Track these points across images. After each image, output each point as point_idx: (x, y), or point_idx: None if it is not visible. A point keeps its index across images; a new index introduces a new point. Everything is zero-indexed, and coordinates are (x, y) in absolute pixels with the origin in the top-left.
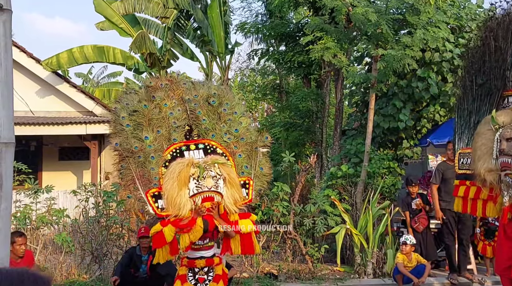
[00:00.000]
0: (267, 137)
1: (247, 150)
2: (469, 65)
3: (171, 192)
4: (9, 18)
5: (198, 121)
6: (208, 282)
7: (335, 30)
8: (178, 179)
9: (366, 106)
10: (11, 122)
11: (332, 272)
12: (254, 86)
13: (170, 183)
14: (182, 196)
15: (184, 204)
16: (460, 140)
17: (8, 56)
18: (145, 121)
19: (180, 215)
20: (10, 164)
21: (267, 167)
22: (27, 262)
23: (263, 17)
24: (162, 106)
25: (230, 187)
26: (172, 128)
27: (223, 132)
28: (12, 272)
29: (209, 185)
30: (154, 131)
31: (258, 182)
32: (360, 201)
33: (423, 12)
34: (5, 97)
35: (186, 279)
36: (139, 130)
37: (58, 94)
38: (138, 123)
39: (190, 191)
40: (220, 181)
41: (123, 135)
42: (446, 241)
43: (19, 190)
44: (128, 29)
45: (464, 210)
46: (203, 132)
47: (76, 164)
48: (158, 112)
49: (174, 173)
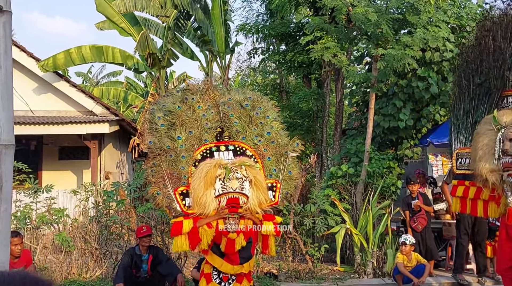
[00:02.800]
0: (298, 144)
1: (277, 153)
2: (465, 65)
3: (198, 191)
4: (9, 20)
5: (230, 124)
6: (232, 282)
7: (335, 30)
8: (205, 179)
9: (366, 106)
10: (11, 124)
11: (332, 271)
12: (255, 86)
13: (197, 183)
14: (208, 195)
15: (209, 203)
16: (457, 140)
17: (8, 57)
18: (178, 122)
19: (205, 213)
20: (10, 166)
21: (295, 171)
22: (25, 261)
23: (264, 16)
24: (196, 108)
25: (256, 189)
26: (204, 130)
27: (254, 135)
28: (14, 275)
29: (234, 186)
30: (187, 132)
31: (286, 185)
32: (360, 200)
33: (423, 11)
34: (5, 99)
35: (211, 277)
36: (172, 130)
37: (57, 93)
38: (172, 123)
39: (215, 191)
40: (245, 183)
41: (157, 134)
42: (462, 241)
43: (19, 190)
44: (128, 28)
45: (462, 210)
46: (234, 135)
47: (76, 163)
48: (192, 114)
49: (201, 172)
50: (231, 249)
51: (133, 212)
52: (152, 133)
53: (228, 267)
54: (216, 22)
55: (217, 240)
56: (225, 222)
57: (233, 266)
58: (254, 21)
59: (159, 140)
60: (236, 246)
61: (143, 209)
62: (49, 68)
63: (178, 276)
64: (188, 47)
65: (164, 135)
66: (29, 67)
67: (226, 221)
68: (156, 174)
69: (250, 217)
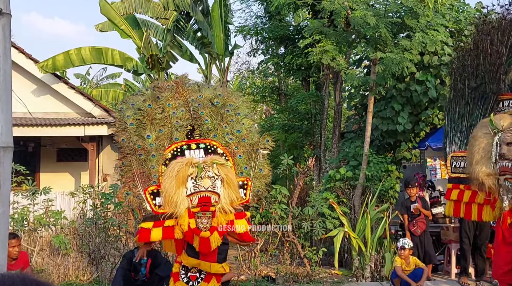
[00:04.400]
0: (268, 141)
1: (248, 151)
2: (462, 68)
3: (169, 190)
4: (8, 22)
5: (201, 122)
6: (200, 280)
7: (334, 33)
8: (177, 178)
9: (365, 109)
10: (9, 127)
11: (330, 275)
12: (253, 88)
13: (168, 182)
14: (179, 194)
15: (181, 202)
16: (451, 144)
17: (7, 60)
18: (148, 121)
19: (176, 212)
20: (8, 169)
21: (266, 169)
22: (22, 263)
23: (263, 19)
24: (166, 106)
25: (227, 187)
26: (175, 128)
27: (225, 132)
28: (14, 277)
29: (206, 185)
30: (156, 130)
31: (257, 183)
32: (358, 204)
33: (422, 15)
34: (4, 102)
35: (179, 276)
36: (141, 129)
37: (55, 95)
38: (142, 122)
39: (187, 190)
40: (217, 182)
41: (126, 133)
42: (462, 244)
43: (17, 191)
44: (128, 30)
45: (456, 213)
46: (205, 133)
47: (74, 165)
48: (162, 112)
49: (172, 171)
50: (206, 248)
51: (131, 214)
52: (121, 132)
53: (205, 265)
54: (216, 25)
55: (190, 240)
56: (197, 221)
57: (210, 263)
58: (253, 23)
59: (128, 139)
60: (211, 245)
61: None
62: (48, 69)
63: None
64: (188, 49)
65: (133, 134)
66: (28, 69)
67: (198, 220)
68: (126, 174)
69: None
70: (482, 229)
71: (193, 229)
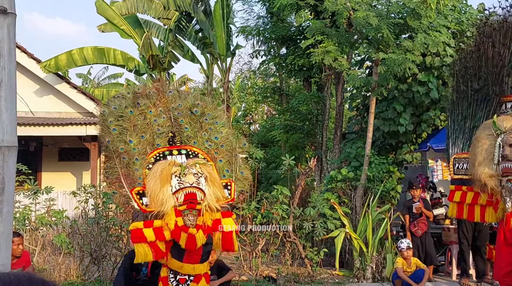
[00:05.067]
0: (244, 144)
1: (228, 156)
2: (464, 70)
3: (154, 188)
4: (13, 22)
5: (181, 129)
6: (189, 282)
7: (336, 34)
8: (161, 177)
9: (367, 110)
10: (14, 126)
11: (331, 276)
12: (255, 89)
13: (153, 181)
14: (165, 192)
15: (167, 200)
16: (454, 145)
17: (12, 59)
18: (130, 127)
19: (162, 210)
20: (13, 168)
21: (246, 171)
22: (24, 262)
23: (264, 19)
24: (147, 113)
25: (211, 185)
26: (156, 134)
27: (204, 139)
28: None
29: (190, 180)
30: (138, 136)
31: (240, 184)
32: (359, 204)
33: (424, 16)
34: (8, 101)
35: (168, 281)
36: (124, 135)
37: (58, 94)
38: (124, 128)
39: (172, 188)
40: (201, 179)
41: (109, 137)
42: (462, 246)
43: (19, 191)
44: (129, 31)
45: (459, 215)
46: (186, 139)
47: (75, 165)
48: (143, 119)
49: (156, 171)
50: (192, 245)
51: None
52: (105, 136)
53: (188, 268)
54: (217, 25)
55: (177, 238)
56: (184, 218)
57: (193, 265)
58: (254, 24)
59: (112, 143)
60: (197, 242)
61: None
62: (51, 69)
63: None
64: (189, 49)
65: (116, 139)
66: (30, 69)
67: (185, 218)
68: (111, 175)
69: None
70: (480, 230)
71: (181, 227)
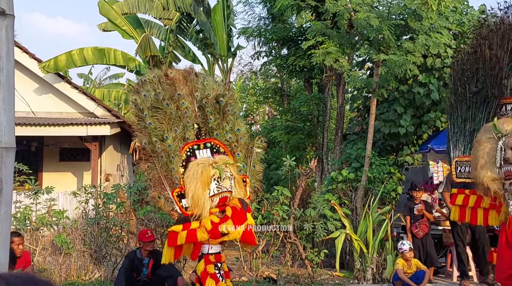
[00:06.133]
0: (262, 141)
1: (243, 149)
2: (461, 72)
3: (197, 192)
4: (11, 23)
5: (206, 120)
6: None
7: (337, 35)
8: (201, 180)
9: (367, 111)
10: (12, 127)
11: (331, 277)
12: (256, 89)
13: (194, 184)
14: (206, 196)
15: (205, 204)
16: (455, 148)
17: (10, 60)
18: (165, 120)
19: (202, 214)
20: (11, 169)
21: (258, 165)
22: (24, 262)
23: (265, 20)
24: (180, 105)
25: (237, 185)
26: (186, 128)
27: (225, 131)
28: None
29: (227, 185)
30: (172, 130)
31: (253, 179)
32: (360, 206)
33: (425, 17)
34: (7, 102)
35: (218, 277)
36: (159, 130)
37: (58, 94)
38: (159, 121)
39: (210, 191)
40: (232, 181)
41: (145, 133)
42: (458, 248)
43: (20, 191)
44: (130, 31)
45: (461, 218)
46: (209, 131)
47: (76, 165)
48: (176, 111)
49: (197, 173)
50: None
51: (133, 214)
52: (142, 131)
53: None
54: (218, 26)
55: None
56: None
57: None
58: (256, 25)
59: (149, 140)
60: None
61: (143, 212)
62: (50, 69)
63: (179, 279)
64: (190, 50)
65: (153, 134)
66: (31, 69)
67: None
68: (154, 177)
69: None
70: (480, 234)
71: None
